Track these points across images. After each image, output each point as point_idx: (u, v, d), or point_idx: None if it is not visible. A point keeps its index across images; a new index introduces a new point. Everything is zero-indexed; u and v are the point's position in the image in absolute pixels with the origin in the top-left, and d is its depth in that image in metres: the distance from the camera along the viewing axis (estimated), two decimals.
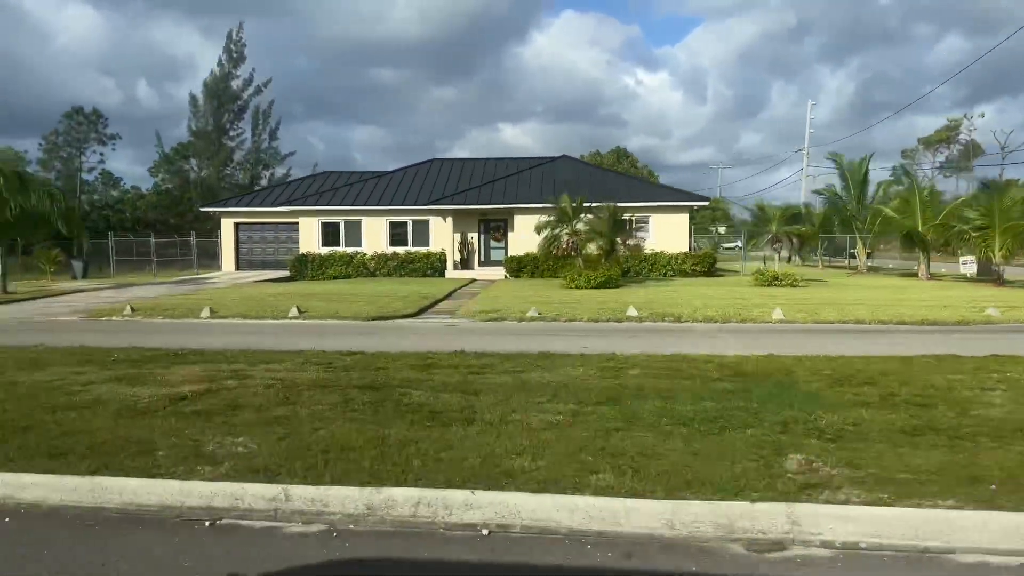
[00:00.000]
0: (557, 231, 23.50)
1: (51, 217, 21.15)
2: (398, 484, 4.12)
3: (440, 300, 19.47)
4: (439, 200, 30.31)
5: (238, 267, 33.48)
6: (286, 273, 31.00)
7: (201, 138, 54.11)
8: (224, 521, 3.93)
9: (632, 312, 14.56)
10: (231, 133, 55.36)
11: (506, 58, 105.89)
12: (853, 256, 38.18)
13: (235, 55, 55.00)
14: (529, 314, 14.73)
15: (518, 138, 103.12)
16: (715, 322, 13.78)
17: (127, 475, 4.34)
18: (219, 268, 34.02)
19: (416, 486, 4.09)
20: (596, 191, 30.89)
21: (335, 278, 29.71)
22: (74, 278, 33.08)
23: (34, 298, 20.97)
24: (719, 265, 31.84)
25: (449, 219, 30.55)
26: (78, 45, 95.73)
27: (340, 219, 31.69)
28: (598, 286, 22.12)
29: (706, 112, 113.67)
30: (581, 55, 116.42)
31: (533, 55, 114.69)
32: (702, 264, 28.50)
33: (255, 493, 4.03)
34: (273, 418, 5.63)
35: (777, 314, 14.15)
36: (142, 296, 21.12)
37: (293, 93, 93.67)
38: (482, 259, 31.87)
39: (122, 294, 22.42)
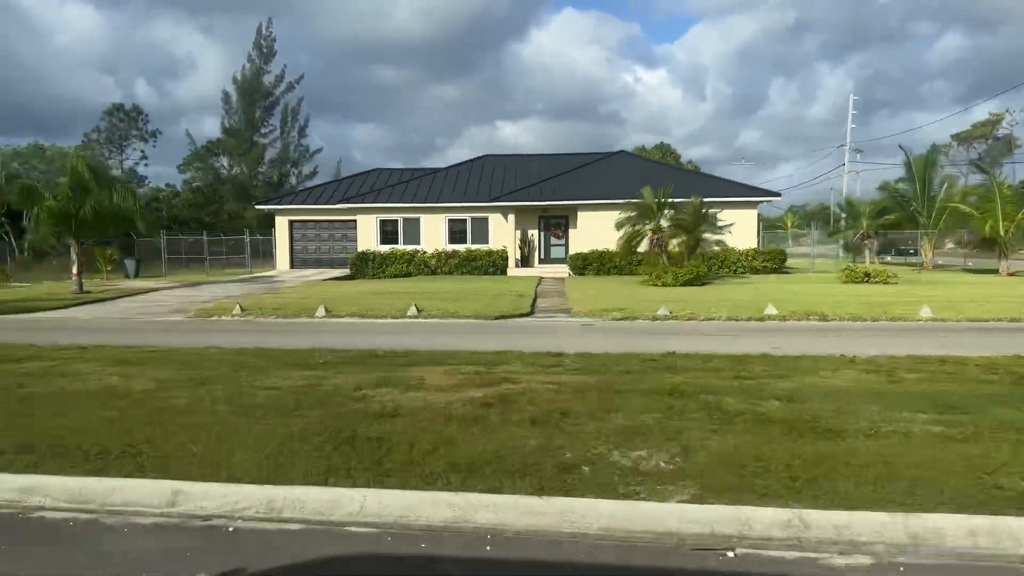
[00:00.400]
0: (638, 227, 23.02)
1: (133, 215, 20.68)
2: (909, 508, 3.67)
3: (535, 299, 19.00)
4: (501, 197, 29.81)
5: (292, 265, 32.97)
6: (346, 271, 30.56)
7: (233, 135, 53.52)
8: (743, 551, 3.47)
9: (772, 311, 14.09)
10: (263, 130, 54.80)
11: (506, 56, 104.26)
12: (908, 252, 37.73)
13: (265, 50, 54.40)
14: (660, 312, 14.29)
15: (518, 136, 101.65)
16: (863, 320, 13.34)
17: (571, 496, 3.89)
18: (273, 266, 33.52)
19: (924, 511, 3.64)
20: (661, 186, 30.32)
21: (395, 276, 29.26)
22: (127, 276, 32.57)
23: (113, 298, 20.45)
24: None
25: (511, 216, 30.07)
26: (78, 44, 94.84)
27: (399, 216, 31.21)
28: (686, 283, 21.67)
29: (705, 109, 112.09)
30: (581, 53, 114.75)
31: (533, 53, 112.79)
32: (772, 261, 28.05)
33: (764, 519, 3.57)
34: (631, 428, 5.16)
35: (925, 312, 13.69)
36: (226, 295, 20.62)
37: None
38: (542, 256, 31.41)
39: (200, 292, 21.92)
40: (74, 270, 21.67)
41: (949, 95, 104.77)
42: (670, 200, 23.06)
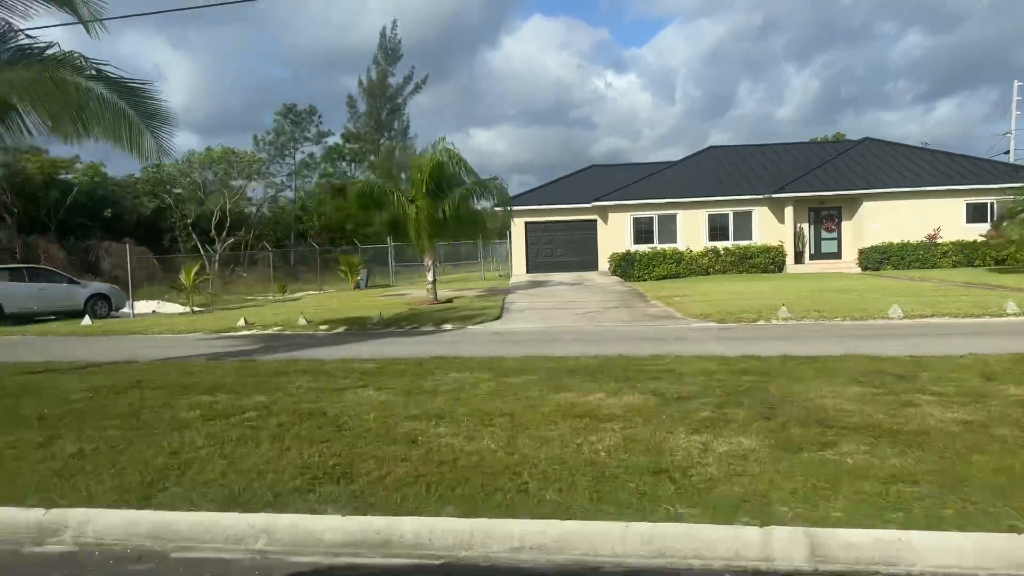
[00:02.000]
0: None
1: (479, 217, 18.23)
2: None
3: None
4: (784, 187, 27.42)
5: (528, 269, 30.39)
6: (596, 273, 28.24)
7: (358, 139, 51.03)
8: None
9: None
10: (388, 133, 52.27)
11: (477, 64, 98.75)
12: None
13: (390, 52, 51.94)
14: None
15: (491, 143, 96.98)
16: None
17: None
18: (508, 271, 30.92)
19: None
20: (938, 172, 28.00)
21: (662, 277, 26.80)
22: (358, 287, 29.99)
23: (483, 312, 17.73)
24: None
25: (789, 208, 27.69)
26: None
27: (654, 214, 28.76)
28: None
29: (676, 112, 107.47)
30: (552, 59, 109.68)
31: (503, 60, 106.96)
32: None
33: None
34: None
35: None
36: (578, 303, 18.09)
37: (264, 101, 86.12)
38: (812, 252, 29.00)
39: (547, 295, 19.23)
40: (429, 277, 19.09)
41: (911, 92, 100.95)
42: None
